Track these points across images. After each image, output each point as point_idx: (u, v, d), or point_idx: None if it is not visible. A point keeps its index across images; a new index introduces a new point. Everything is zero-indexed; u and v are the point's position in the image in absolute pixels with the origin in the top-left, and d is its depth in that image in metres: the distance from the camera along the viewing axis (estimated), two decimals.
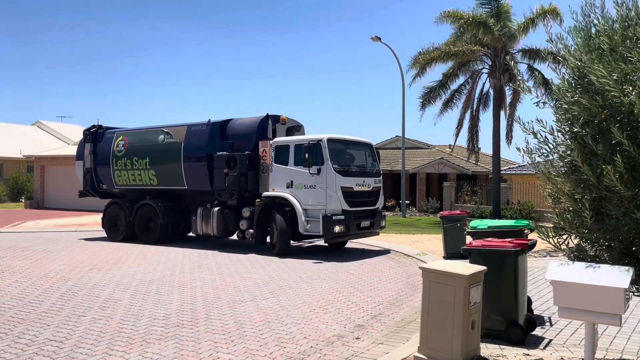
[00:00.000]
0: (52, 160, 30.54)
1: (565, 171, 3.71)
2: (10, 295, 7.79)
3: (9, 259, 11.48)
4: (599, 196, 3.59)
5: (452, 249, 11.55)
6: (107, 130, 16.20)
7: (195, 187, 13.99)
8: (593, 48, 4.01)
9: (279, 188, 12.52)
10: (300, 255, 12.38)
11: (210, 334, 5.92)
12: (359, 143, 13.36)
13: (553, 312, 6.75)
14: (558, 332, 5.95)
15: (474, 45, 20.97)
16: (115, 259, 11.50)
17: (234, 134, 13.69)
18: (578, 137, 3.64)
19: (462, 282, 4.49)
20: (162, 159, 14.44)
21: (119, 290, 8.24)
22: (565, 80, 4.08)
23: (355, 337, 5.87)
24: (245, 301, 7.53)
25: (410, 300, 7.81)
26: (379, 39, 24.94)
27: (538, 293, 8.02)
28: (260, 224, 12.71)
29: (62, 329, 6.08)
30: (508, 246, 5.53)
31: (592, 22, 4.24)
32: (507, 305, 5.50)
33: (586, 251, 3.84)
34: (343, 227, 11.82)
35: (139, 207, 14.76)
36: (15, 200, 35.19)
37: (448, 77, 22.37)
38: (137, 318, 6.56)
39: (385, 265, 11.08)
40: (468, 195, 27.28)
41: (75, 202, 22.84)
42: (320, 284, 8.86)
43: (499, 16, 20.86)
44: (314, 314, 6.83)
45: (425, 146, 35.65)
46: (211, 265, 10.84)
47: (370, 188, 12.76)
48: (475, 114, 23.06)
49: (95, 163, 15.96)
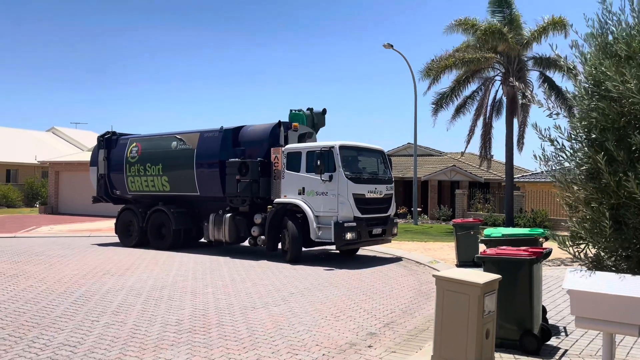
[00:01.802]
0: (66, 166, 30.88)
1: (584, 178, 3.68)
2: (24, 300, 7.87)
3: (23, 263, 11.60)
4: (617, 204, 3.55)
5: (465, 257, 11.45)
6: (120, 137, 16.37)
7: (207, 194, 14.05)
8: (610, 55, 3.97)
9: (290, 195, 12.53)
10: (311, 262, 12.36)
11: (222, 340, 5.92)
12: (371, 150, 13.35)
13: (569, 321, 6.66)
14: (574, 342, 5.87)
15: (488, 53, 20.93)
16: (128, 265, 11.57)
17: (246, 141, 13.76)
18: (596, 144, 3.60)
19: (476, 291, 4.45)
20: (174, 165, 14.53)
21: (132, 295, 8.28)
22: (581, 87, 4.04)
23: (368, 345, 5.83)
24: (257, 307, 7.52)
25: (423, 309, 7.75)
26: (391, 46, 24.95)
27: (553, 302, 7.91)
28: (272, 231, 12.72)
29: (75, 333, 6.11)
30: (523, 255, 5.47)
31: (609, 29, 4.20)
32: (521, 314, 5.43)
33: (604, 261, 3.78)
34: (355, 234, 11.79)
35: (152, 213, 14.86)
36: (30, 205, 35.61)
37: (460, 83, 22.31)
38: (150, 323, 6.58)
39: (398, 273, 11.02)
40: (480, 203, 27.09)
41: (89, 207, 23.04)
42: (332, 291, 8.83)
43: (512, 24, 20.87)
44: (325, 321, 6.81)
45: (437, 153, 35.51)
46: (223, 271, 10.86)
47: (382, 195, 12.72)
48: (489, 121, 22.95)
49: (108, 169, 16.10)
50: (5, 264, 11.44)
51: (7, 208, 33.90)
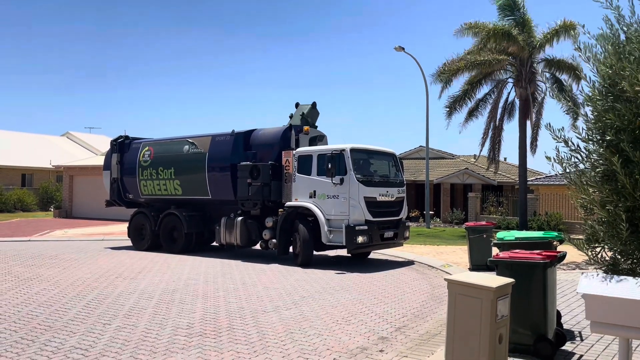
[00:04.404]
0: (80, 170, 31.20)
1: (599, 180, 3.61)
2: (37, 303, 7.93)
3: (37, 267, 11.71)
4: (633, 206, 3.47)
5: (478, 261, 11.34)
6: (133, 141, 16.49)
7: (219, 197, 14.09)
8: (624, 55, 3.91)
9: (302, 198, 12.52)
10: (323, 265, 12.32)
11: (233, 344, 5.91)
12: (382, 153, 13.29)
13: (584, 326, 6.55)
14: (589, 348, 5.76)
15: (500, 55, 20.83)
16: (140, 268, 11.62)
17: (258, 144, 13.78)
18: (611, 145, 3.53)
19: (489, 295, 4.38)
20: (186, 169, 14.60)
21: (144, 298, 8.30)
22: (595, 88, 3.98)
23: (379, 350, 5.78)
24: (268, 311, 7.50)
25: (435, 313, 7.67)
26: (402, 49, 24.89)
27: (568, 307, 7.79)
28: (283, 234, 12.71)
29: (87, 337, 6.14)
30: (537, 258, 5.39)
31: (619, 30, 4.15)
32: (535, 319, 5.34)
33: (621, 264, 3.71)
34: (366, 237, 11.73)
35: (164, 216, 14.94)
36: (45, 209, 36.03)
37: (473, 86, 22.21)
38: (161, 327, 6.59)
39: (409, 277, 10.94)
40: (493, 206, 26.86)
41: (103, 211, 23.25)
42: (343, 295, 8.79)
43: (523, 26, 20.75)
44: (337, 326, 6.76)
45: (450, 156, 35.29)
46: (234, 274, 10.86)
47: (393, 198, 12.65)
48: (499, 123, 22.79)
49: (121, 173, 16.22)
50: (20, 267, 11.56)
51: (22, 212, 34.33)
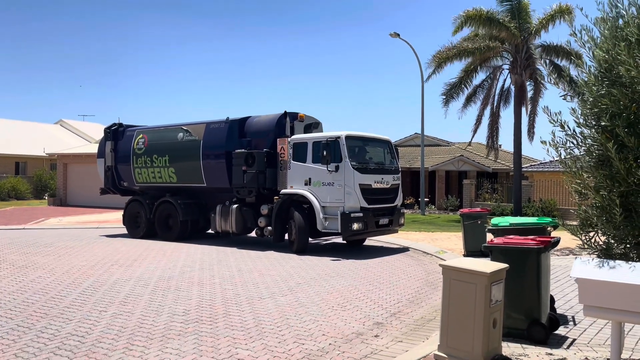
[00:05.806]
0: (74, 158, 31.04)
1: (593, 165, 3.61)
2: (33, 290, 7.92)
3: (32, 255, 11.69)
4: (627, 191, 3.48)
5: (473, 247, 11.40)
6: (127, 128, 16.38)
7: (214, 185, 14.06)
8: (621, 39, 3.89)
9: (297, 185, 12.51)
10: (318, 252, 12.36)
11: (229, 330, 5.93)
12: (378, 140, 13.28)
13: (577, 311, 6.61)
14: (582, 332, 5.82)
15: (493, 42, 20.87)
16: (135, 256, 11.62)
17: (252, 132, 13.73)
18: (606, 131, 3.53)
19: (483, 280, 4.41)
20: (181, 157, 14.54)
21: (140, 286, 8.31)
22: (591, 74, 3.97)
23: (374, 335, 5.82)
24: (263, 298, 7.53)
25: (430, 299, 7.73)
26: (397, 35, 24.77)
27: (561, 292, 7.86)
28: (279, 221, 12.72)
29: (83, 323, 6.15)
30: (531, 244, 5.42)
31: (619, 13, 4.11)
32: (529, 303, 5.39)
33: (614, 249, 3.73)
34: (361, 224, 11.76)
35: (159, 204, 14.90)
36: (39, 197, 35.89)
37: (469, 73, 22.23)
38: (157, 314, 6.61)
39: (404, 263, 10.99)
40: (488, 193, 26.96)
41: (97, 199, 23.18)
42: (339, 281, 8.83)
43: (519, 12, 20.71)
44: (332, 311, 6.80)
45: (445, 143, 35.32)
46: (230, 262, 10.88)
47: (388, 185, 12.67)
48: (496, 110, 22.82)
49: (116, 161, 16.14)
50: (15, 255, 11.53)
51: (16, 200, 34.18)
